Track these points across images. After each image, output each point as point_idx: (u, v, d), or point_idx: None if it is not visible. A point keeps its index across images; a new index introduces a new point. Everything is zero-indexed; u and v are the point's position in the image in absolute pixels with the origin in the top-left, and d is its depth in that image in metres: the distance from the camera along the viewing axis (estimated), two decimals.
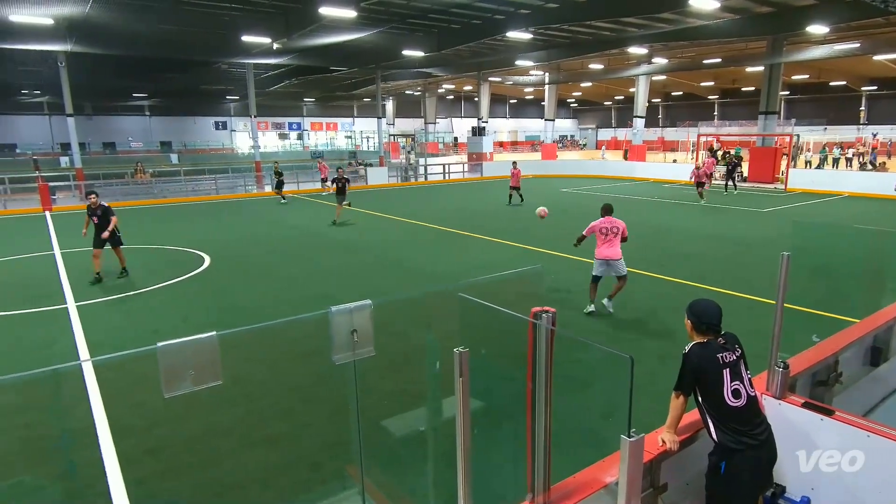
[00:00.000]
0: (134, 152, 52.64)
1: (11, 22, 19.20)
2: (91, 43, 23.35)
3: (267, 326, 6.34)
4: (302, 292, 9.77)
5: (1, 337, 7.68)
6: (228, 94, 51.98)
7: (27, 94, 46.79)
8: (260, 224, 17.73)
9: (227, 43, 24.44)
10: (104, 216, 10.33)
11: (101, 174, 30.48)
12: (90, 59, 27.21)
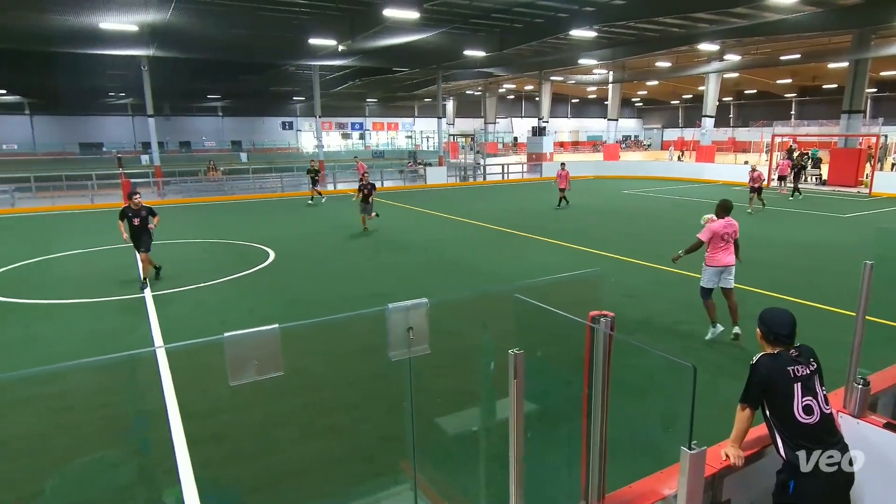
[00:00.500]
0: (207, 151, 55.40)
1: (102, 29, 20.62)
2: (171, 47, 24.76)
3: (327, 321, 6.50)
4: (361, 289, 9.98)
5: (87, 322, 8.27)
6: (295, 95, 53.81)
7: (113, 97, 50.15)
8: (322, 221, 18.24)
9: (295, 46, 25.29)
10: (147, 217, 10.05)
11: (176, 171, 32.23)
12: (170, 62, 28.82)
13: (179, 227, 16.66)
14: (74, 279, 10.67)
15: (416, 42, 25.15)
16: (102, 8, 18.74)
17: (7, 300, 9.23)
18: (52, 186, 25.77)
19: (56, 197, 24.00)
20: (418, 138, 69.34)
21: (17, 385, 5.57)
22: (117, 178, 26.18)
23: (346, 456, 4.84)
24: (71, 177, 27.62)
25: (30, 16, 19.80)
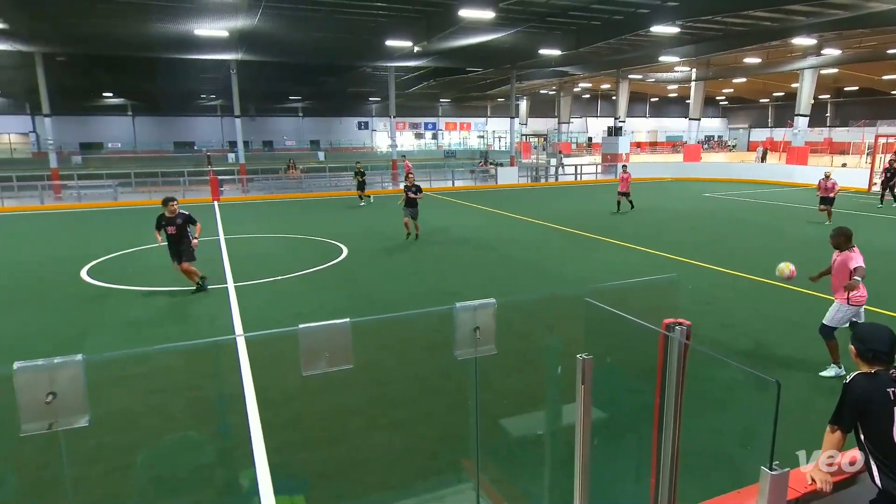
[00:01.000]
0: (287, 150, 57.88)
1: (196, 36, 22.07)
2: (257, 51, 26.10)
3: (395, 317, 6.63)
4: (430, 286, 10.09)
5: (176, 310, 8.86)
6: (371, 95, 55.22)
7: (205, 99, 53.47)
8: (394, 219, 18.60)
9: (373, 48, 25.94)
10: (184, 225, 9.39)
11: (259, 169, 33.91)
12: (255, 66, 30.39)
13: (260, 223, 17.51)
14: (165, 268, 11.47)
15: (490, 42, 25.14)
16: (198, 16, 20.03)
17: (107, 285, 10.05)
18: (150, 182, 27.87)
19: (152, 192, 25.89)
20: (490, 138, 69.24)
21: (113, 364, 6.06)
22: (206, 174, 27.88)
23: (410, 450, 4.92)
24: (166, 173, 29.75)
25: (135, 25, 21.49)
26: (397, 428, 5.26)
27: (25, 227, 17.41)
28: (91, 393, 1.98)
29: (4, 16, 18.41)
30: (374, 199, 23.35)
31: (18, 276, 11.06)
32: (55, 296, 9.53)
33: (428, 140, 70.66)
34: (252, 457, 4.64)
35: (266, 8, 19.36)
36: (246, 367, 6.35)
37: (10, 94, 46.34)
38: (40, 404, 1.95)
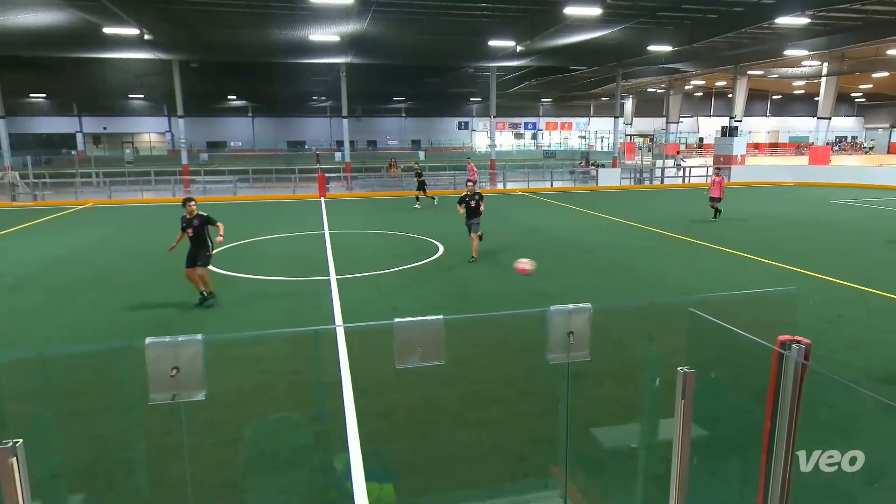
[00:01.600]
0: (390, 149, 59.85)
1: (311, 41, 23.42)
2: (365, 54, 27.21)
3: (488, 317, 6.64)
4: (524, 287, 10.00)
5: (285, 299, 9.47)
6: (472, 96, 55.69)
7: (316, 100, 56.62)
8: (490, 219, 18.62)
9: (476, 48, 26.14)
10: (201, 227, 8.90)
11: (363, 168, 35.34)
12: (363, 68, 31.70)
13: (362, 219, 18.26)
14: (276, 259, 12.29)
15: (595, 39, 24.43)
16: (313, 22, 21.25)
17: (225, 272, 10.95)
18: (265, 178, 29.97)
19: (267, 187, 27.84)
20: (592, 138, 67.32)
21: (229, 345, 6.59)
22: (315, 172, 29.50)
23: (498, 450, 4.91)
24: (279, 170, 31.88)
25: (258, 33, 23.21)
26: (486, 427, 5.27)
27: (160, 217, 19.38)
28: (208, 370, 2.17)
29: (150, 28, 20.62)
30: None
31: (152, 261, 12.34)
32: (183, 279, 10.53)
33: (527, 140, 70.03)
34: (346, 442, 4.85)
35: (375, 12, 20.12)
36: (344, 356, 6.65)
37: (151, 97, 51.81)
38: (166, 377, 2.17)
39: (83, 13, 18.74)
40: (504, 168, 34.23)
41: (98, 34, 21.06)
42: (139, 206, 22.58)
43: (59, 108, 55.13)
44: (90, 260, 12.55)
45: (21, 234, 15.80)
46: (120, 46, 24.38)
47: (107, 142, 59.61)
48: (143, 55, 27.13)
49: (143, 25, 19.87)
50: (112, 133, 59.31)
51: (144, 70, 34.64)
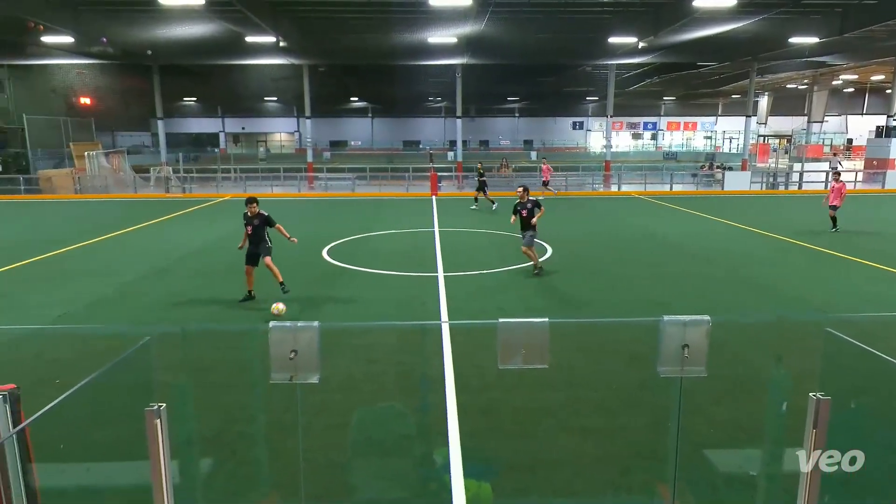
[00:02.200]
0: (502, 149, 59.87)
1: (429, 43, 24.06)
2: (482, 55, 27.44)
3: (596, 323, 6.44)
4: (636, 295, 9.57)
5: (392, 291, 9.83)
6: (588, 95, 54.14)
7: (431, 101, 58.09)
8: (602, 222, 18.03)
9: (595, 45, 25.38)
10: (261, 226, 9.04)
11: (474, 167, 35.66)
12: (479, 69, 31.99)
13: (472, 217, 18.44)
14: (387, 254, 12.79)
15: (727, 33, 22.70)
16: (432, 24, 21.83)
17: (341, 265, 11.58)
18: (381, 176, 31.30)
19: (382, 185, 29.04)
20: (719, 139, 62.71)
21: (341, 333, 6.97)
22: (428, 171, 30.29)
23: (600, 460, 4.74)
24: (395, 169, 33.17)
25: (380, 37, 24.27)
26: (589, 435, 5.12)
27: (287, 210, 20.94)
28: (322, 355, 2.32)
29: (285, 35, 22.35)
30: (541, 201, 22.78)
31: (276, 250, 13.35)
32: (303, 270, 11.30)
33: (646, 140, 66.79)
34: (447, 436, 4.94)
35: (493, 13, 20.22)
36: (448, 352, 6.77)
37: (283, 100, 56.12)
38: (285, 359, 2.34)
39: (230, 24, 20.71)
40: (619, 170, 32.95)
41: (241, 43, 23.19)
42: (269, 200, 24.57)
43: (206, 111, 61.40)
44: (225, 247, 13.85)
45: (171, 223, 17.82)
46: (258, 53, 26.64)
47: (244, 141, 65.43)
48: (277, 61, 29.43)
49: (279, 33, 21.57)
50: (249, 133, 64.99)
51: (278, 75, 37.56)
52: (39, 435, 2.16)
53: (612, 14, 21.95)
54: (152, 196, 25.96)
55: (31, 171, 26.98)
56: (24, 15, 18.96)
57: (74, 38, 21.18)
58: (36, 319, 8.18)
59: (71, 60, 28.95)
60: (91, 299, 9.27)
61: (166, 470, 2.27)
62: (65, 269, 11.52)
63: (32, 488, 2.01)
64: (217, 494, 4.29)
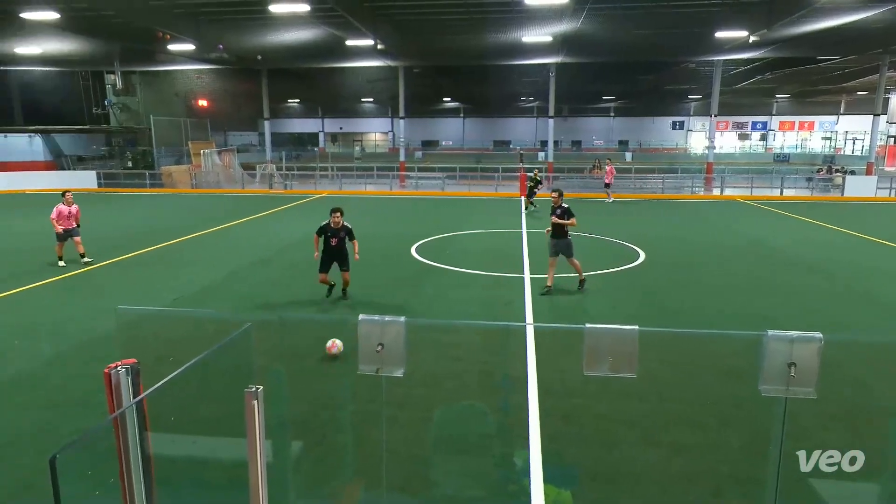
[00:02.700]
0: (595, 150, 58.25)
1: (523, 42, 23.86)
2: (577, 54, 26.81)
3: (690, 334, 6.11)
4: (737, 306, 8.96)
5: (479, 291, 9.86)
6: (690, 93, 51.30)
7: (524, 101, 57.59)
8: (701, 227, 17.04)
9: (700, 41, 24.01)
10: (345, 238, 8.93)
11: (565, 168, 35.02)
12: (573, 67, 31.29)
13: None
14: (474, 253, 12.84)
15: (853, 23, 20.61)
16: (527, 24, 21.63)
17: (428, 262, 11.78)
18: (470, 176, 31.50)
19: (472, 184, 29.21)
20: (840, 140, 57.23)
21: (426, 329, 7.09)
22: (517, 171, 30.08)
23: (690, 479, 4.49)
24: (484, 169, 33.24)
25: (475, 37, 24.39)
26: (678, 450, 4.86)
27: (378, 208, 21.61)
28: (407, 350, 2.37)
29: (384, 38, 23.06)
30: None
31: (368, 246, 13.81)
32: (391, 266, 11.62)
33: (755, 141, 62.30)
34: (528, 439, 4.88)
35: (590, 10, 19.69)
36: (532, 354, 6.69)
37: (378, 101, 57.98)
38: (372, 352, 2.42)
39: (332, 29, 21.68)
40: (723, 172, 31.02)
41: (342, 46, 24.20)
42: (362, 198, 25.48)
43: (308, 112, 64.74)
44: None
45: (273, 217, 18.96)
46: (357, 56, 27.68)
47: (342, 140, 68.33)
48: (375, 63, 30.41)
49: (377, 36, 22.29)
50: (346, 132, 67.80)
51: (375, 76, 38.83)
52: (155, 407, 2.38)
53: (720, 7, 20.61)
54: (257, 192, 27.77)
55: (155, 168, 29.76)
56: (156, 26, 20.94)
57: (195, 45, 23.08)
58: (155, 301, 9.02)
59: (191, 66, 31.57)
60: (201, 285, 10.07)
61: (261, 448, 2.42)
62: (181, 256, 12.61)
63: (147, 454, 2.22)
64: (305, 476, 4.52)
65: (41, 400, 5.65)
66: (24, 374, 6.34)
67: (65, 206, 11.33)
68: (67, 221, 11.31)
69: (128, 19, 20.16)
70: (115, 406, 2.19)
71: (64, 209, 11.28)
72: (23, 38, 23.32)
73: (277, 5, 18.06)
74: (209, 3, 19.83)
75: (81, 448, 4.16)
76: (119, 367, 2.19)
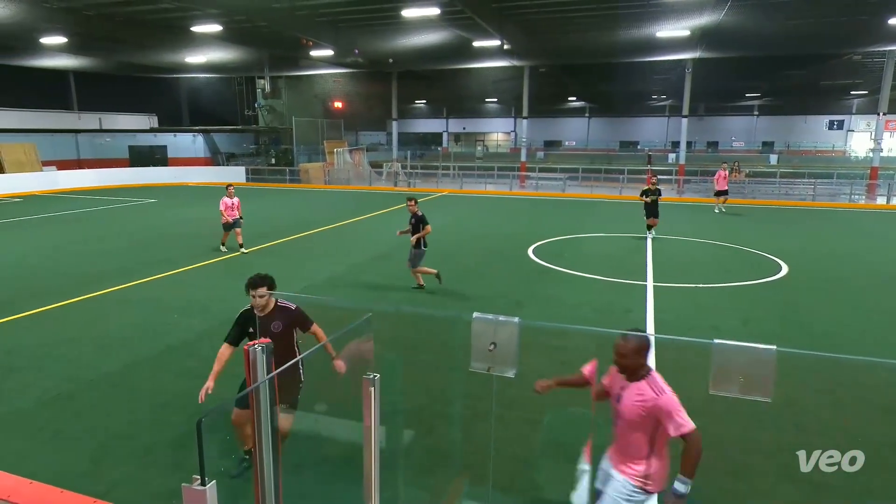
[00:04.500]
0: (734, 151, 53.80)
1: (657, 38, 22.61)
2: (717, 48, 24.89)
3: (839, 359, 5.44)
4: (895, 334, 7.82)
5: (595, 295, 9.53)
6: (853, 88, 45.44)
7: (655, 99, 54.59)
8: (859, 240, 15.07)
9: (868, 29, 21.21)
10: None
11: (698, 171, 32.69)
12: (712, 63, 29.07)
13: (692, 226, 16.93)
14: (594, 257, 12.43)
15: None
16: (663, 18, 20.47)
17: (546, 264, 11.60)
18: (593, 177, 30.52)
19: (594, 186, 28.29)
20: None
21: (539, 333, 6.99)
22: (644, 173, 28.61)
23: None
24: (608, 170, 32.02)
25: (605, 34, 23.58)
26: (817, 489, 4.35)
27: (497, 208, 21.68)
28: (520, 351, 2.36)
29: (510, 38, 23.06)
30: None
31: (485, 245, 13.91)
32: (509, 266, 11.61)
33: None
34: None
35: (735, 1, 18.19)
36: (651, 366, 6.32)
37: (502, 101, 58.08)
38: (484, 350, 2.44)
39: (460, 31, 22.10)
40: (891, 179, 27.19)
41: (469, 48, 24.58)
42: (482, 197, 25.71)
43: (433, 112, 66.62)
44: (439, 238, 14.88)
45: (396, 214, 19.77)
46: (483, 57, 27.96)
47: (464, 140, 69.48)
48: (500, 63, 30.51)
49: (504, 37, 22.34)
50: (469, 132, 68.83)
51: (499, 77, 38.93)
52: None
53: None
54: (383, 189, 29.11)
55: (295, 164, 32.33)
56: (301, 33, 22.74)
57: (334, 50, 24.71)
58: (287, 287, 9.81)
59: (329, 70, 33.85)
60: (328, 275, 10.79)
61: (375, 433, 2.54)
62: (311, 247, 13.59)
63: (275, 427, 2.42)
64: (414, 465, 4.66)
65: (192, 369, 6.39)
66: (179, 344, 7.22)
67: (228, 198, 12.69)
68: (231, 212, 12.68)
69: (277, 28, 22.07)
70: (252, 380, 2.42)
71: (228, 201, 12.65)
72: (191, 49, 26.47)
73: (409, 9, 18.77)
74: (348, 10, 21.10)
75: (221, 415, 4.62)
76: (256, 346, 2.41)
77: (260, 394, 2.34)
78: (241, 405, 4.20)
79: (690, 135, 37.38)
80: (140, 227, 16.56)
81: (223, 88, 39.53)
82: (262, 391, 2.35)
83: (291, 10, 19.98)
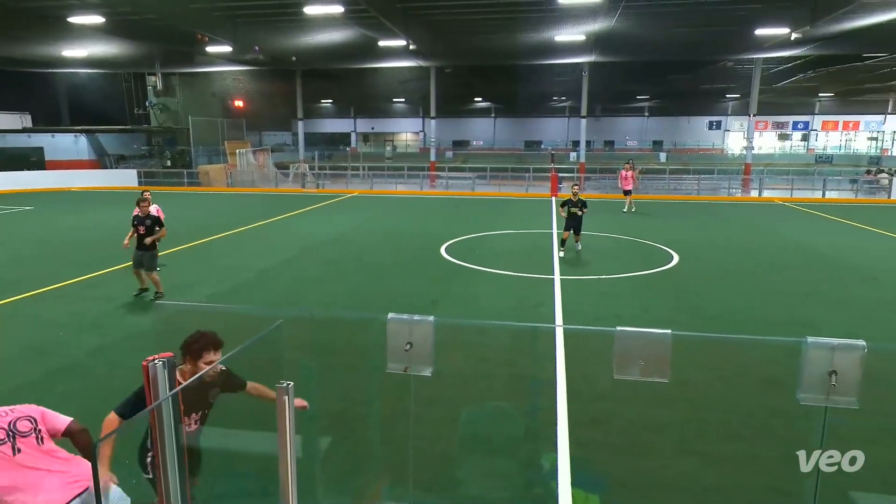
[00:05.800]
0: (628, 150, 57.32)
1: (556, 42, 23.65)
2: (611, 52, 26.43)
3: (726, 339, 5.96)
4: (776, 313, 8.71)
5: (507, 291, 9.81)
6: (728, 92, 50.04)
7: (555, 101, 57.05)
8: (739, 229, 16.61)
9: (740, 39, 23.42)
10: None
11: (597, 168, 34.54)
12: (606, 67, 30.87)
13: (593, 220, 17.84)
14: (504, 253, 12.78)
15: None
16: (560, 23, 21.42)
17: (458, 262, 11.78)
18: (500, 176, 31.37)
19: (502, 184, 29.08)
20: (887, 140, 55.04)
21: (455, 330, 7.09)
22: (548, 171, 29.82)
23: (722, 490, 4.38)
24: (515, 169, 33.07)
25: (507, 37, 24.29)
26: (711, 460, 4.75)
27: (408, 207, 21.71)
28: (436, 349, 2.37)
29: (415, 39, 23.15)
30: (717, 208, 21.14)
31: (398, 245, 13.89)
32: (421, 265, 11.66)
33: (795, 142, 60.41)
34: (556, 442, 4.84)
35: (625, 8, 19.39)
36: (561, 356, 6.62)
37: (410, 101, 58.24)
38: (401, 350, 2.43)
39: (365, 30, 21.88)
40: (762, 173, 30.20)
41: (374, 47, 24.39)
42: (393, 197, 25.63)
43: (340, 112, 65.45)
44: (353, 239, 14.67)
45: (305, 216, 19.24)
46: (389, 56, 27.86)
47: (373, 140, 68.88)
48: (407, 63, 30.56)
49: (409, 37, 22.39)
50: (378, 132, 68.31)
51: (406, 77, 39.00)
52: None
53: (762, 4, 20.05)
54: (290, 191, 28.21)
55: (192, 167, 30.52)
56: (196, 28, 21.47)
57: (232, 47, 23.58)
58: (190, 296, 9.25)
59: (228, 68, 32.28)
60: (235, 282, 10.29)
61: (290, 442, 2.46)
62: (215, 253, 12.90)
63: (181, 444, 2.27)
64: (334, 470, 4.57)
65: (79, 391, 5.85)
66: (66, 365, 6.60)
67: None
68: None
69: (168, 22, 20.71)
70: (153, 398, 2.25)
71: None
72: (70, 42, 24.21)
73: (312, 7, 18.31)
74: (246, 5, 20.22)
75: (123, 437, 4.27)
76: (156, 361, 2.25)
77: (163, 410, 2.19)
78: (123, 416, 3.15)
79: (589, 134, 39.41)
80: (14, 237, 14.94)
81: (108, 85, 36.51)
82: (165, 408, 2.19)
83: (184, 3, 18.85)
